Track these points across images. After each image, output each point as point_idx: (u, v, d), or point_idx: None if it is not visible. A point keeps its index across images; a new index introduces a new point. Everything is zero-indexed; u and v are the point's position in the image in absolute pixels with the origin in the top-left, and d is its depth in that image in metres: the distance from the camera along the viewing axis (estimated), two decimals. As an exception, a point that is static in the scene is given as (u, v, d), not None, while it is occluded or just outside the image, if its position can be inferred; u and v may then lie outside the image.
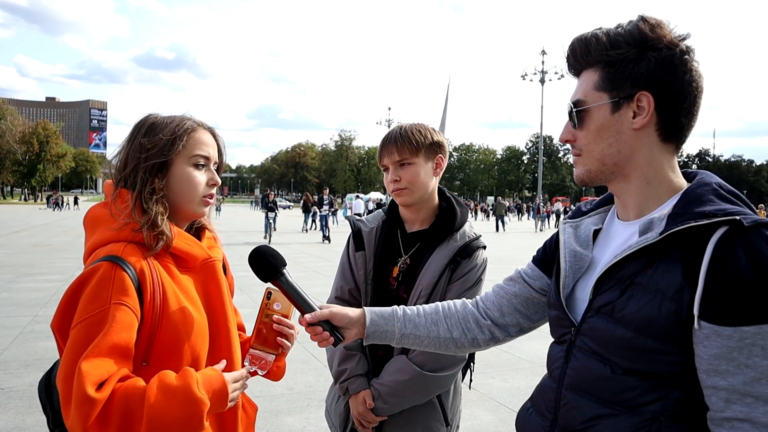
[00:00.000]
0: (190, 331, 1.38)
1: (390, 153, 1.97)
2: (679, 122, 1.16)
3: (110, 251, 1.34)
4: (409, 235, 2.06)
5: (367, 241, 2.06)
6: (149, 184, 1.41)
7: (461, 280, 1.96)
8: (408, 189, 1.97)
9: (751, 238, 1.00)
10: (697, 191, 1.12)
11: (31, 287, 9.53)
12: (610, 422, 1.11)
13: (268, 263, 1.44)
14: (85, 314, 1.27)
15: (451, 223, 2.02)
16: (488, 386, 5.20)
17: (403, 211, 2.09)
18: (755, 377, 0.98)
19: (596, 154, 1.20)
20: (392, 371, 1.97)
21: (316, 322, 1.41)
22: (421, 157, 1.97)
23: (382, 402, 1.96)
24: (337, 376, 2.05)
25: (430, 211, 2.06)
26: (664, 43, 1.13)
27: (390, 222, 2.09)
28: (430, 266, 1.96)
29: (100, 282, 1.29)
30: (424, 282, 1.95)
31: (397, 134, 1.98)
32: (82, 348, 1.24)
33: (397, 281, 2.03)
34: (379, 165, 2.05)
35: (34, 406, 4.42)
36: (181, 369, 1.34)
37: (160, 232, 1.38)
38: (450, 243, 1.99)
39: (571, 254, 1.30)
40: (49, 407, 1.43)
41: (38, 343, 6.13)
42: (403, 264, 2.03)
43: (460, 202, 2.10)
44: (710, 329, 1.01)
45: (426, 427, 2.00)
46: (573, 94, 1.24)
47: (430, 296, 1.94)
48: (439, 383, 1.97)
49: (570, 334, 1.22)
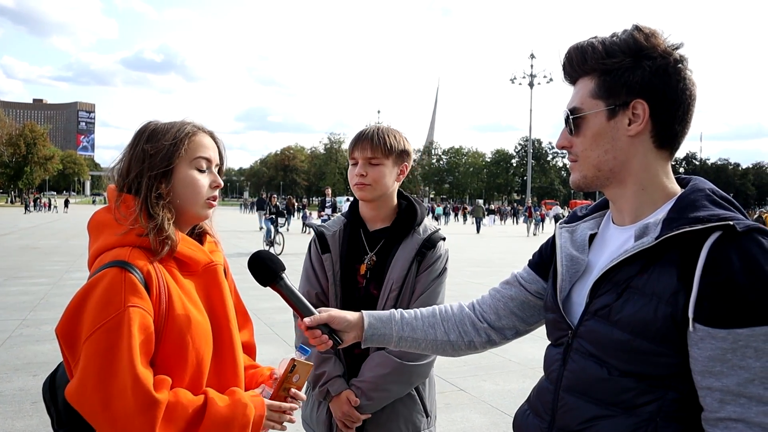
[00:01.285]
0: (194, 334, 1.39)
1: (363, 148, 2.03)
2: (674, 129, 1.18)
3: (116, 256, 1.35)
4: (373, 234, 2.13)
5: (332, 243, 2.11)
6: (155, 190, 1.42)
7: (428, 270, 2.05)
8: (371, 186, 2.04)
9: (744, 242, 1.03)
10: (691, 197, 1.15)
11: (19, 291, 9.44)
12: (607, 423, 1.13)
13: (267, 268, 1.46)
14: (100, 321, 1.27)
15: (413, 219, 2.11)
16: (480, 389, 5.22)
17: (364, 211, 2.15)
18: (748, 378, 1.01)
19: (592, 160, 1.23)
20: (372, 366, 2.01)
21: (315, 325, 1.43)
22: (390, 160, 2.05)
23: (365, 399, 1.99)
24: (315, 380, 2.06)
25: (390, 209, 2.13)
26: (659, 52, 1.16)
27: (352, 223, 2.16)
28: (398, 260, 2.04)
29: (110, 287, 1.30)
30: (394, 275, 2.02)
31: (374, 133, 2.05)
32: (105, 354, 1.25)
33: (366, 278, 2.08)
34: (349, 157, 2.10)
35: (23, 411, 4.39)
36: (186, 373, 1.36)
37: (166, 236, 1.39)
38: (414, 237, 2.08)
39: (568, 258, 1.33)
40: (54, 408, 1.43)
41: (27, 347, 6.08)
42: (370, 261, 2.09)
43: (417, 200, 2.19)
44: (704, 331, 1.03)
45: (408, 421, 2.06)
46: (569, 102, 1.26)
47: (401, 289, 2.01)
48: (419, 372, 2.04)
49: (567, 336, 1.24)
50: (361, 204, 2.15)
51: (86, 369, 1.25)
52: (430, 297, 2.03)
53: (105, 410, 1.24)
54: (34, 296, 8.94)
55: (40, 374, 5.21)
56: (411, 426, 2.05)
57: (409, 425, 2.05)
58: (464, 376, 5.56)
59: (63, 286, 9.98)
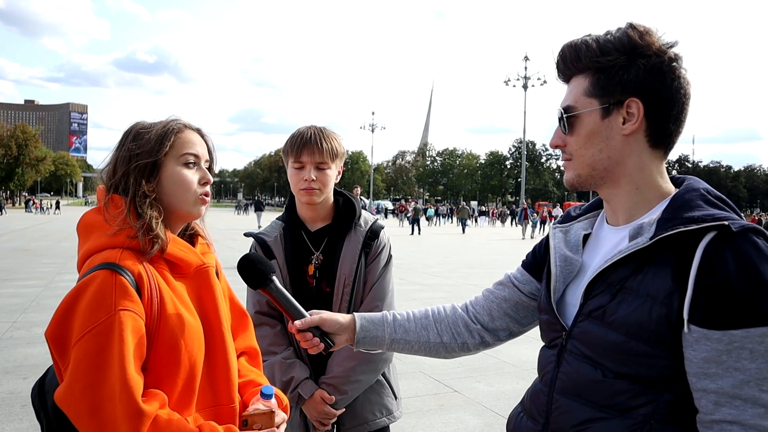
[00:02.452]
0: (187, 337, 1.36)
1: (312, 153, 2.04)
2: (668, 128, 1.17)
3: (106, 258, 1.32)
4: (315, 233, 2.15)
5: (275, 248, 2.12)
6: (142, 188, 1.40)
7: (376, 260, 2.12)
8: (320, 190, 2.07)
9: (739, 243, 1.02)
10: (686, 197, 1.14)
11: (9, 293, 9.36)
12: (601, 426, 1.11)
13: (257, 270, 1.44)
14: (90, 324, 1.24)
15: (353, 214, 2.15)
16: (474, 390, 5.21)
17: (304, 213, 2.17)
18: (744, 380, 1.00)
19: (586, 159, 1.22)
20: (340, 361, 2.04)
21: (306, 328, 1.41)
22: (334, 164, 2.10)
23: (338, 394, 2.03)
24: (284, 387, 2.05)
25: (329, 208, 2.17)
26: (653, 51, 1.14)
27: (291, 225, 2.17)
28: (346, 254, 2.08)
29: (100, 290, 1.27)
30: (345, 270, 2.06)
31: (320, 137, 2.06)
32: (94, 359, 1.22)
33: (315, 278, 2.11)
34: (294, 160, 2.08)
35: (13, 414, 4.35)
36: (179, 377, 1.34)
37: (155, 236, 1.37)
38: (357, 230, 2.13)
39: (562, 259, 1.31)
40: (43, 413, 1.41)
41: (17, 350, 6.03)
42: (317, 260, 2.11)
43: (351, 194, 2.23)
44: (699, 333, 1.02)
45: (381, 405, 2.13)
46: (563, 100, 1.25)
47: (354, 282, 2.06)
48: (385, 358, 2.11)
49: (561, 338, 1.23)
50: (301, 205, 2.16)
51: (75, 373, 1.23)
52: (381, 285, 2.09)
53: (92, 415, 1.22)
54: (25, 298, 8.87)
55: (30, 377, 5.16)
56: (384, 410, 2.13)
57: (383, 410, 2.13)
58: (459, 377, 5.55)
59: (54, 288, 9.91)
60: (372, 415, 2.10)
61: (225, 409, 1.44)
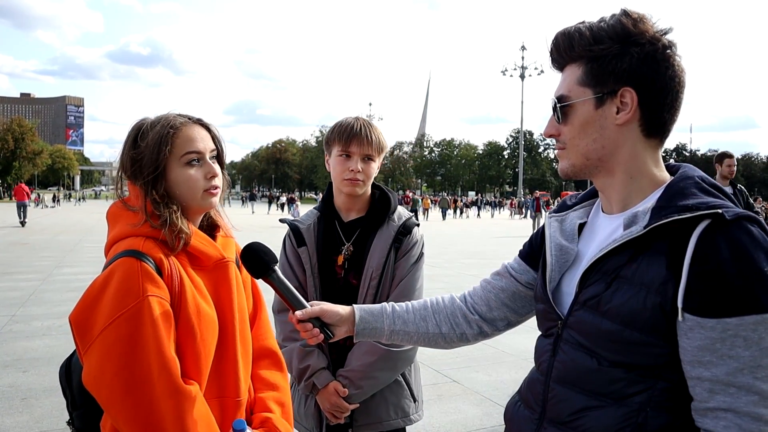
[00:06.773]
0: (203, 325, 1.40)
1: (361, 144, 2.04)
2: (662, 117, 1.17)
3: (129, 245, 1.38)
4: (348, 224, 2.14)
5: (307, 236, 2.12)
6: (151, 194, 1.44)
7: (407, 256, 2.09)
8: (363, 182, 2.07)
9: (733, 231, 1.02)
10: (680, 185, 1.14)
11: (8, 287, 9.35)
12: (597, 413, 1.12)
13: (260, 260, 1.45)
14: (120, 309, 1.29)
15: (387, 207, 2.14)
16: (472, 380, 5.23)
17: (341, 202, 2.16)
18: (738, 368, 1.00)
19: (581, 149, 1.21)
20: (359, 355, 2.02)
21: (306, 318, 1.41)
22: (379, 157, 2.12)
23: (354, 388, 2.01)
24: (299, 374, 2.05)
25: (365, 200, 2.16)
26: (647, 38, 1.14)
27: (326, 215, 2.17)
28: (376, 248, 2.07)
29: (127, 276, 1.32)
30: (373, 264, 2.04)
31: (368, 130, 2.06)
32: (127, 342, 1.28)
33: (344, 269, 2.10)
34: (341, 149, 2.07)
35: (13, 407, 4.36)
36: (193, 363, 1.38)
37: (179, 230, 1.42)
38: (390, 224, 2.11)
39: (557, 248, 1.32)
40: (69, 390, 1.49)
41: (17, 343, 6.01)
42: (347, 251, 2.11)
43: (388, 188, 2.23)
44: (694, 321, 1.02)
45: (397, 407, 2.09)
46: (557, 89, 1.25)
47: (381, 276, 2.04)
48: (405, 358, 2.07)
49: (557, 327, 1.23)
50: (339, 195, 2.15)
51: (106, 356, 1.28)
52: (409, 282, 2.06)
53: (127, 396, 1.27)
54: (24, 292, 8.87)
55: (30, 370, 5.18)
56: (400, 411, 2.09)
57: (398, 411, 2.09)
58: (457, 367, 5.57)
59: (53, 281, 9.91)
60: (386, 415, 2.06)
61: (230, 401, 1.48)
